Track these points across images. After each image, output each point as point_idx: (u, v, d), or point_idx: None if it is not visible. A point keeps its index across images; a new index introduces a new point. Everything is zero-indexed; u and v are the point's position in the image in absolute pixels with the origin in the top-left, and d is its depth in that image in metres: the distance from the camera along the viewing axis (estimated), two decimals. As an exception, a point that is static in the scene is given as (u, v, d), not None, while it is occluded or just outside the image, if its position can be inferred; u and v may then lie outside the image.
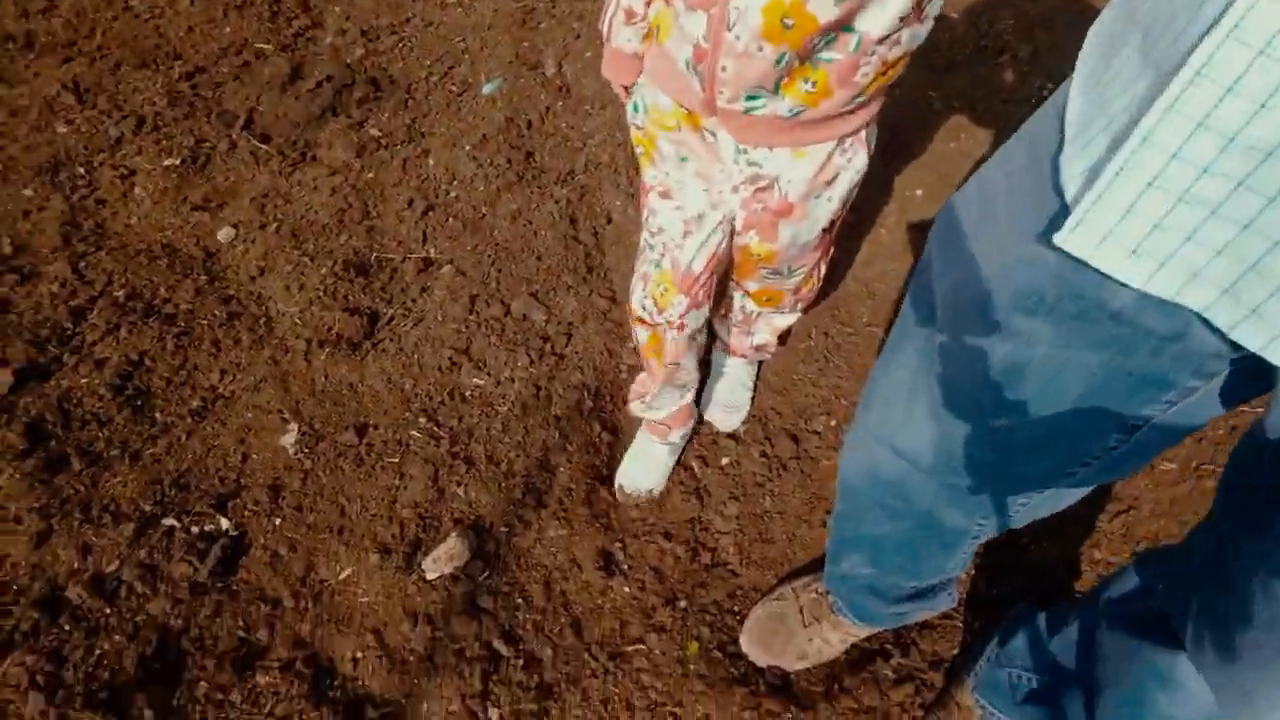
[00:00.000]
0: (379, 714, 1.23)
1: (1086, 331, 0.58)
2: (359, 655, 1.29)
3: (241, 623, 1.30)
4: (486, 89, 2.18)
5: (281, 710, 1.21)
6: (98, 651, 1.21)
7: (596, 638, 1.35)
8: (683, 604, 1.38)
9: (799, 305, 1.37)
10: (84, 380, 1.54)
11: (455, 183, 1.98)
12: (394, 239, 1.88)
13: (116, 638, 1.23)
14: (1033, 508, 0.83)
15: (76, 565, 1.30)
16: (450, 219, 1.91)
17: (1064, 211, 0.53)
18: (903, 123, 2.00)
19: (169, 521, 1.38)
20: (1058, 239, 0.52)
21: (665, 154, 1.03)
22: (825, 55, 0.80)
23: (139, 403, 1.54)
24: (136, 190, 1.90)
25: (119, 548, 1.32)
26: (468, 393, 1.62)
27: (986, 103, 2.03)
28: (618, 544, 1.45)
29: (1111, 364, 0.59)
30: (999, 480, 0.78)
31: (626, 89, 1.09)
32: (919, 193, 1.89)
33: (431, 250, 1.86)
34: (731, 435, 1.58)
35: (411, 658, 1.29)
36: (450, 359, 1.66)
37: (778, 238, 1.07)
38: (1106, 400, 0.62)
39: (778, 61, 0.79)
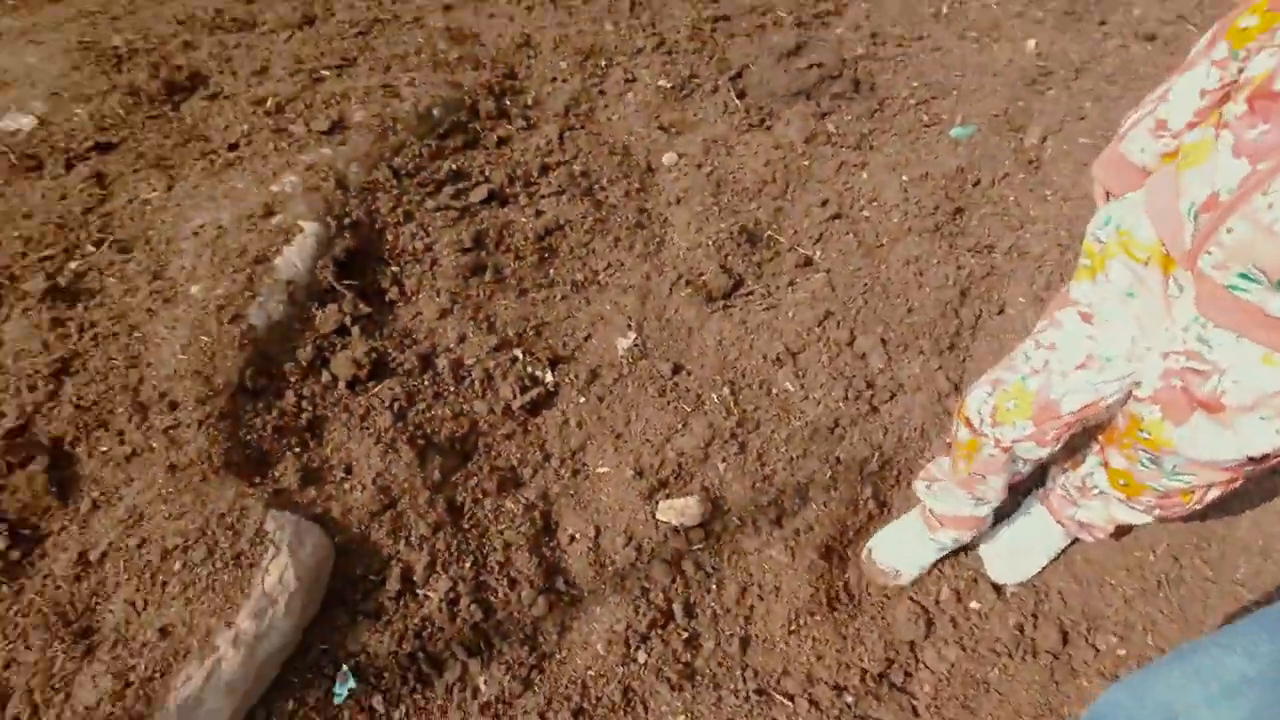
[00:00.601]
0: (566, 591, 1.42)
1: None
2: (576, 536, 1.48)
3: (519, 456, 1.57)
4: (956, 132, 2.12)
5: (508, 536, 1.45)
6: (431, 412, 1.56)
7: (756, 664, 1.37)
8: (849, 698, 1.33)
9: (1157, 511, 1.14)
10: (523, 220, 1.91)
11: (873, 204, 1.99)
12: (792, 227, 1.98)
13: (445, 410, 1.57)
14: None
15: (451, 346, 1.67)
16: (850, 234, 1.94)
17: None
18: None
19: (516, 352, 1.69)
20: None
21: (1113, 280, 0.91)
22: None
23: (545, 256, 1.88)
24: (629, 95, 2.25)
25: (480, 350, 1.67)
26: (775, 390, 1.69)
27: None
28: (822, 604, 1.43)
29: None
30: None
31: (1108, 196, 1.00)
32: None
33: (817, 253, 1.92)
34: (997, 587, 1.43)
35: (610, 568, 1.45)
36: (778, 354, 1.73)
37: (1185, 427, 0.89)
38: None
39: None
